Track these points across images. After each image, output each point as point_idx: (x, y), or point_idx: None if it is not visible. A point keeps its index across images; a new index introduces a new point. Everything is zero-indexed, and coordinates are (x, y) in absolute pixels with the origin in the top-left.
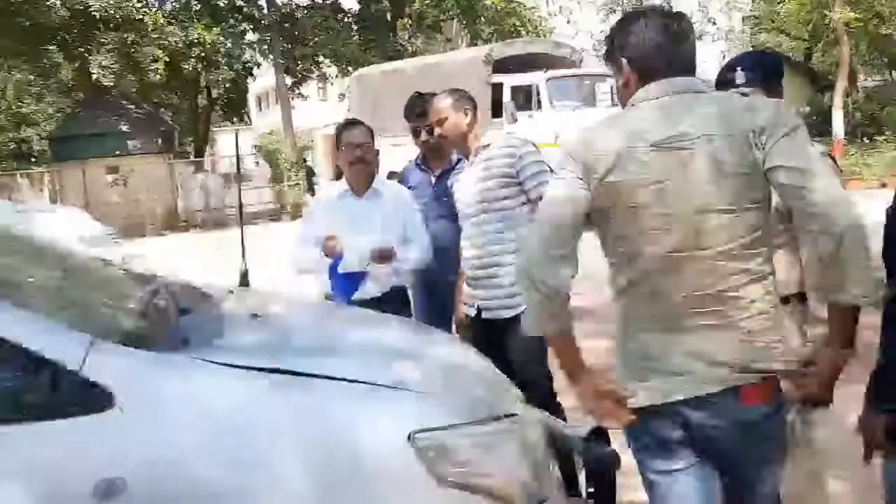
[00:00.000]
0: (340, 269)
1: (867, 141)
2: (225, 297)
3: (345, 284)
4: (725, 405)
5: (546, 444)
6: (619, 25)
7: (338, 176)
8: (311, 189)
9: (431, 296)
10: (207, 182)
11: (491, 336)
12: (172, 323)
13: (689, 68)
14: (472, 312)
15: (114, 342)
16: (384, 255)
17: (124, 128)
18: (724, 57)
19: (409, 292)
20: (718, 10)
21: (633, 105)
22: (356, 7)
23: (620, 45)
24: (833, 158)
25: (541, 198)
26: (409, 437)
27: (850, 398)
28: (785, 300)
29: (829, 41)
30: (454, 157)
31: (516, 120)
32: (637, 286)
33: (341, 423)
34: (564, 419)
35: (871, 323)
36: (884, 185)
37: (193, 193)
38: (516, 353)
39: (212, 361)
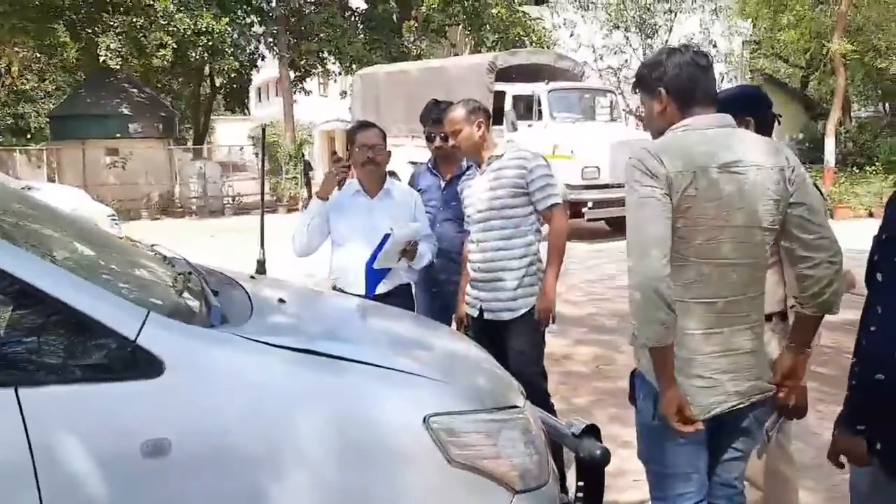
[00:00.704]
0: (376, 266)
1: (857, 170)
2: (248, 283)
3: (374, 279)
4: None
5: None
6: (657, 59)
7: None
8: (307, 184)
9: (434, 295)
10: (205, 170)
11: (491, 336)
12: (212, 302)
13: (714, 98)
14: (475, 313)
15: (165, 316)
16: (413, 247)
17: (126, 110)
18: (722, 79)
19: (413, 290)
20: (720, 33)
21: (684, 130)
22: (363, 6)
23: (659, 76)
24: (819, 189)
25: (548, 209)
26: (424, 420)
27: (824, 417)
28: (767, 318)
29: (825, 70)
30: (464, 163)
31: (516, 129)
32: (693, 289)
33: (366, 402)
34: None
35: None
36: (871, 215)
37: (191, 180)
38: (515, 353)
39: (252, 339)
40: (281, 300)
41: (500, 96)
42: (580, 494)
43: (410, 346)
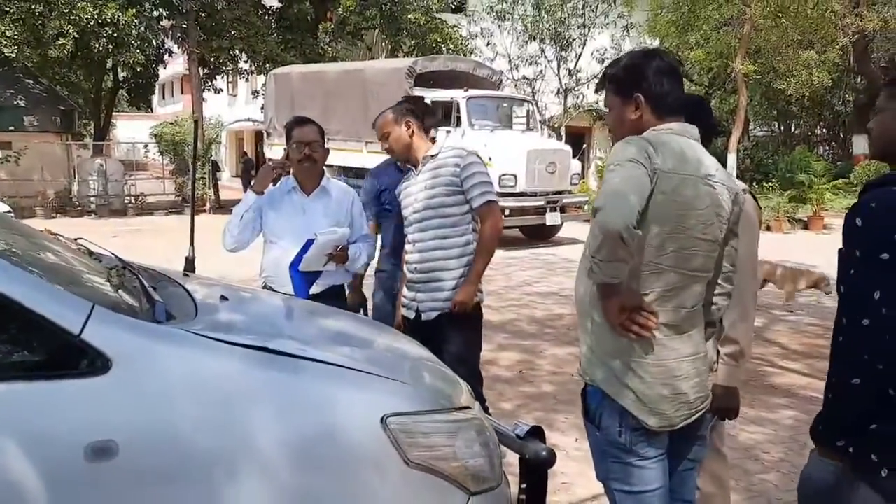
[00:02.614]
0: (301, 268)
1: (755, 185)
2: (184, 280)
3: (301, 282)
4: None
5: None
6: (634, 62)
7: (243, 172)
8: (214, 185)
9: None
10: (106, 167)
11: (427, 339)
12: (154, 297)
13: (682, 106)
14: (412, 315)
15: (111, 310)
16: (342, 252)
17: (21, 102)
18: None
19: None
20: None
21: (670, 133)
22: (278, 5)
23: (637, 81)
24: (756, 200)
25: (484, 205)
26: (382, 420)
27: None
28: None
29: (727, 89)
30: None
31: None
32: (663, 298)
33: (324, 402)
34: None
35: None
36: (769, 228)
37: (90, 178)
38: (451, 356)
39: (204, 335)
40: (223, 297)
41: None
42: (523, 497)
43: (362, 345)
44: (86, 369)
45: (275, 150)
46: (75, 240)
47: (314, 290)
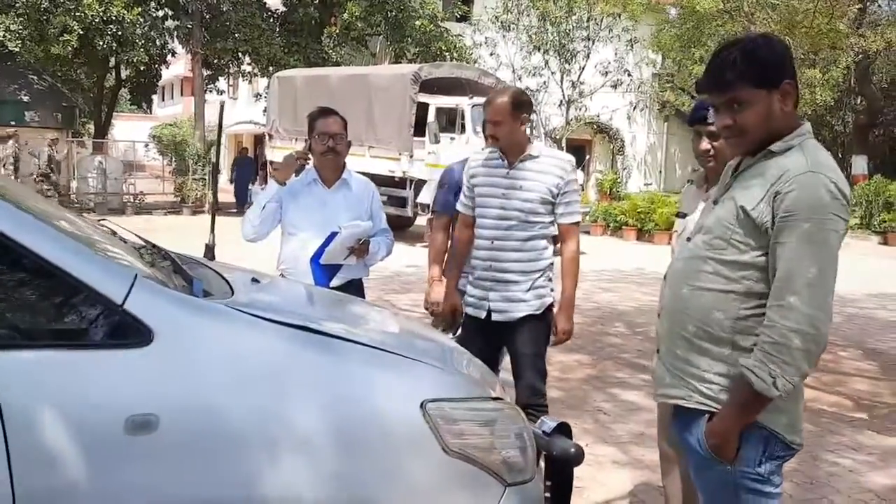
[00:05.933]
0: (322, 261)
1: None
2: (211, 264)
3: (322, 275)
4: None
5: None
6: (777, 44)
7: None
8: (213, 186)
9: None
10: (106, 165)
11: (492, 338)
12: (191, 274)
13: None
14: (482, 314)
15: (155, 282)
16: (363, 246)
17: (23, 97)
18: (632, 108)
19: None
20: (634, 63)
21: (818, 146)
22: (283, 9)
23: (785, 65)
24: None
25: (573, 224)
26: (422, 405)
27: None
28: None
29: None
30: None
31: (438, 141)
32: None
33: (364, 384)
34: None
35: None
36: None
37: (89, 175)
38: (523, 355)
39: (245, 312)
40: (254, 280)
41: (423, 108)
42: (548, 494)
43: (396, 331)
44: (128, 340)
45: (276, 153)
46: (99, 220)
47: (334, 282)
